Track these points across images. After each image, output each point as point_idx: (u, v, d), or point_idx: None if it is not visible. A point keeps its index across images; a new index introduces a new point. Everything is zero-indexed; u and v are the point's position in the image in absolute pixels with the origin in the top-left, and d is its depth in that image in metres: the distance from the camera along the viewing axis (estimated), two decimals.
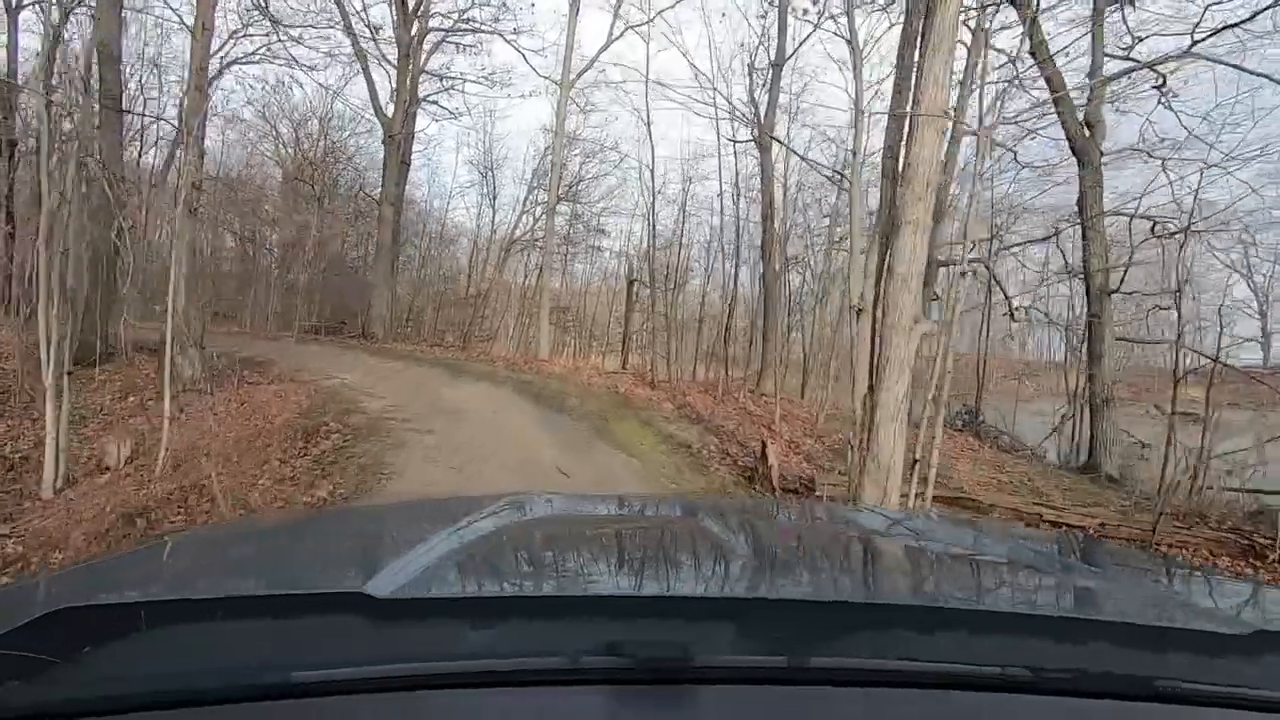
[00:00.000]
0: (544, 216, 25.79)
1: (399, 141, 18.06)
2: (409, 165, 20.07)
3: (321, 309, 22.01)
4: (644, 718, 0.63)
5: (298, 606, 0.70)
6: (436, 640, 0.68)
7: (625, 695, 0.63)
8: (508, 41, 18.59)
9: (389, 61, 18.79)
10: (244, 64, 26.24)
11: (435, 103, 20.15)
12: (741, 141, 13.19)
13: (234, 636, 0.66)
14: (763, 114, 12.91)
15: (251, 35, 24.60)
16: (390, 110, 18.11)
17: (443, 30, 19.08)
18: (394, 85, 18.08)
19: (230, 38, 25.70)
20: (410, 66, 18.12)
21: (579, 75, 17.31)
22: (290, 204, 22.85)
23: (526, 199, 25.74)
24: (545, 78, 18.89)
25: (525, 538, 1.24)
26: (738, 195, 13.09)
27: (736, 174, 13.88)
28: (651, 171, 14.09)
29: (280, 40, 22.11)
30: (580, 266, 25.61)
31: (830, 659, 0.67)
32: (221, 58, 26.17)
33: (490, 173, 26.31)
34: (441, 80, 19.64)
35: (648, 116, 15.18)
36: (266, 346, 15.70)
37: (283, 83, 23.74)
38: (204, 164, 12.48)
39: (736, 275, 13.32)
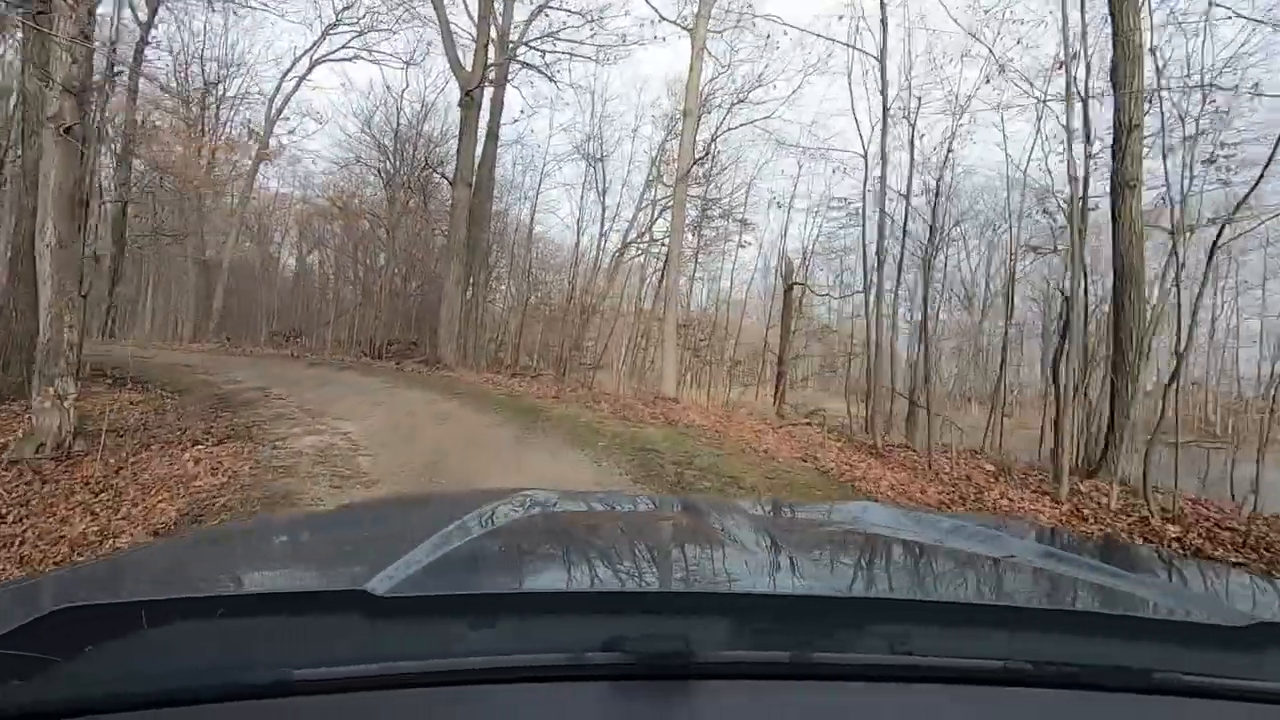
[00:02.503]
0: (665, 212, 20.68)
1: (478, 100, 13.43)
2: (497, 139, 15.52)
3: (393, 327, 17.92)
4: (646, 712, 0.62)
5: (299, 605, 0.70)
6: (438, 637, 0.67)
7: (627, 690, 0.62)
8: None
9: (472, 17, 14.39)
10: (333, 59, 23.78)
11: (528, 64, 15.50)
12: None
13: (235, 635, 0.65)
14: None
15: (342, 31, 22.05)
16: (470, 62, 13.56)
17: None
18: (475, 19, 13.52)
19: (324, 34, 23.33)
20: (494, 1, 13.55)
21: None
22: (393, 218, 19.06)
23: (644, 194, 20.81)
24: (674, 22, 13.72)
25: (526, 534, 1.22)
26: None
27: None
28: (880, 63, 8.02)
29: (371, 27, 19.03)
30: (704, 274, 20.05)
31: (832, 654, 0.66)
32: (311, 56, 23.89)
33: (599, 162, 21.67)
34: (540, 20, 14.94)
35: None
36: (297, 373, 11.38)
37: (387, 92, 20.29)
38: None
39: (1076, 237, 6.54)
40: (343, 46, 23.13)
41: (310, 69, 23.54)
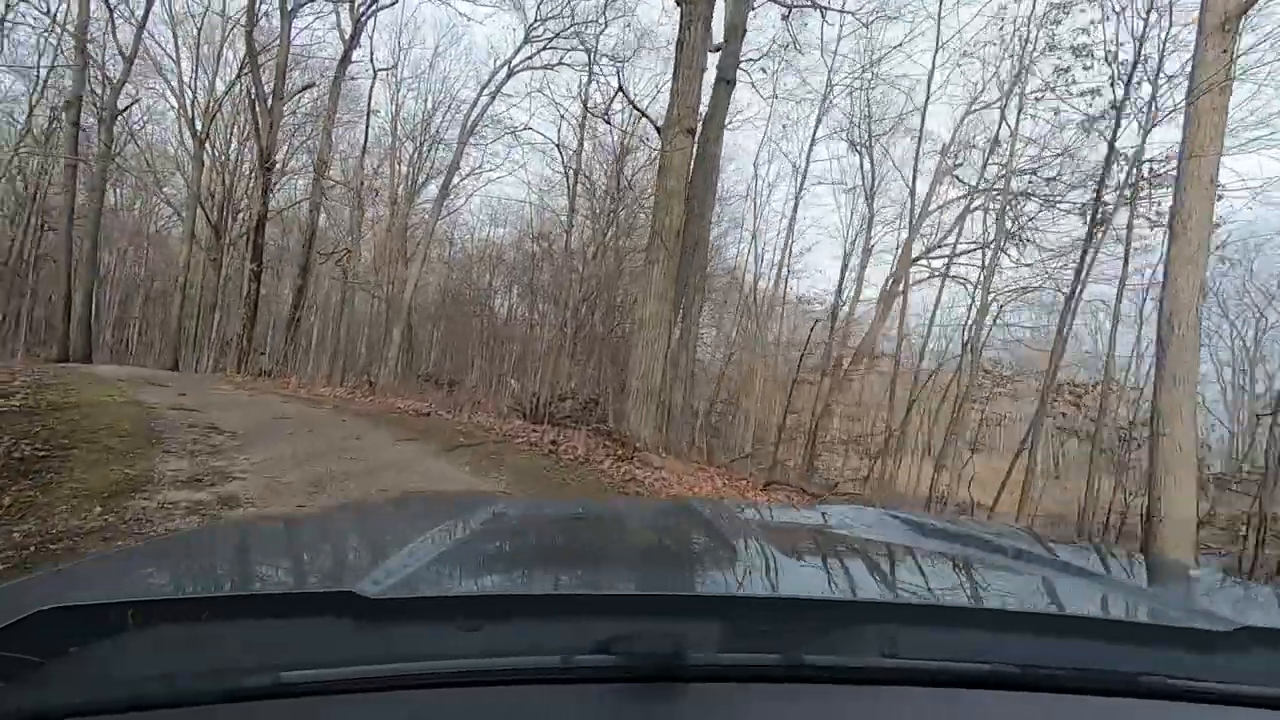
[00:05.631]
0: (985, 209, 13.28)
1: None
2: (732, 84, 9.73)
3: (570, 376, 12.72)
4: (635, 715, 0.62)
5: (287, 607, 0.69)
6: (426, 640, 0.67)
7: (617, 692, 0.62)
8: None
9: None
10: (533, 67, 20.49)
11: None
12: None
13: (222, 636, 0.64)
14: None
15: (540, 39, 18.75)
16: None
17: None
18: None
19: (526, 40, 20.22)
20: None
21: None
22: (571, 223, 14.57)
23: (936, 185, 13.77)
24: None
25: (517, 537, 1.22)
26: None
27: None
28: None
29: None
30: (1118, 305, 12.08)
31: (822, 657, 0.66)
32: (510, 65, 20.86)
33: (866, 150, 15.15)
34: None
35: None
36: (372, 454, 6.32)
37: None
38: None
39: None
40: (545, 48, 19.83)
41: (508, 78, 20.48)
